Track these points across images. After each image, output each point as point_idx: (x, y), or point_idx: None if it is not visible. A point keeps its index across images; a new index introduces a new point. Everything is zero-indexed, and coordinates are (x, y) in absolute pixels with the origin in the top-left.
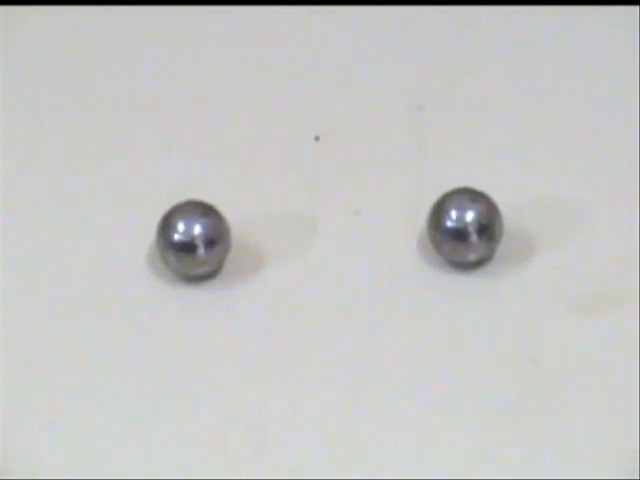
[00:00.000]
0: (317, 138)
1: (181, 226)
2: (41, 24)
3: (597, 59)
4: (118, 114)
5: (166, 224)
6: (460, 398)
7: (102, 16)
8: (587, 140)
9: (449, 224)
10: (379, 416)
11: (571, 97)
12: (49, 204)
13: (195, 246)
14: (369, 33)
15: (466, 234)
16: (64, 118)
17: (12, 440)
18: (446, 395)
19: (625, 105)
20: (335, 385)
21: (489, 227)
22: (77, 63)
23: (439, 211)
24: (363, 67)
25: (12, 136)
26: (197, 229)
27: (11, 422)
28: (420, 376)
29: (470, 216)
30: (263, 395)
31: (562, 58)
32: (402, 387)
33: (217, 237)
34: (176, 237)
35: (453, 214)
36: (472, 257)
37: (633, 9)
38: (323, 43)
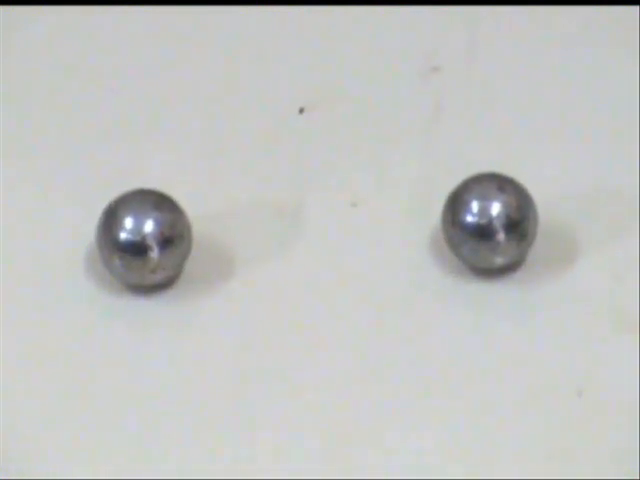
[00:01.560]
0: (302, 110)
1: (129, 222)
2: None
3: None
4: (62, 93)
5: (109, 219)
6: (483, 437)
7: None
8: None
9: (470, 219)
10: (375, 441)
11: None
12: None
13: (146, 247)
14: None
15: (491, 232)
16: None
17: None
18: (465, 433)
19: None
20: (322, 414)
21: (520, 223)
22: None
23: (457, 202)
24: (362, 23)
25: None
26: (149, 225)
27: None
28: (432, 409)
29: (496, 209)
30: (237, 432)
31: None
32: (407, 423)
33: (175, 235)
34: (122, 236)
35: (475, 206)
36: (499, 261)
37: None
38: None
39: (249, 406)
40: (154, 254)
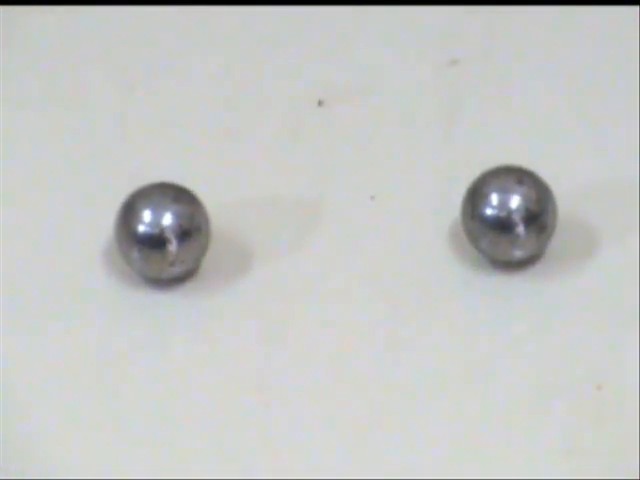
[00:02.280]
0: (320, 103)
1: (147, 215)
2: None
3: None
4: (78, 89)
5: (128, 213)
6: (501, 431)
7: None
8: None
9: (489, 212)
10: (395, 439)
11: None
12: None
13: (165, 240)
14: None
15: (510, 225)
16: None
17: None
18: (483, 427)
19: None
20: (339, 408)
21: (539, 216)
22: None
23: (476, 195)
24: (383, 14)
25: None
26: (167, 218)
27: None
28: (450, 401)
29: (515, 202)
30: (253, 426)
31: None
32: (424, 412)
33: (193, 228)
34: (141, 229)
35: (494, 199)
36: (518, 254)
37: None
38: None
39: (266, 400)
40: (172, 247)
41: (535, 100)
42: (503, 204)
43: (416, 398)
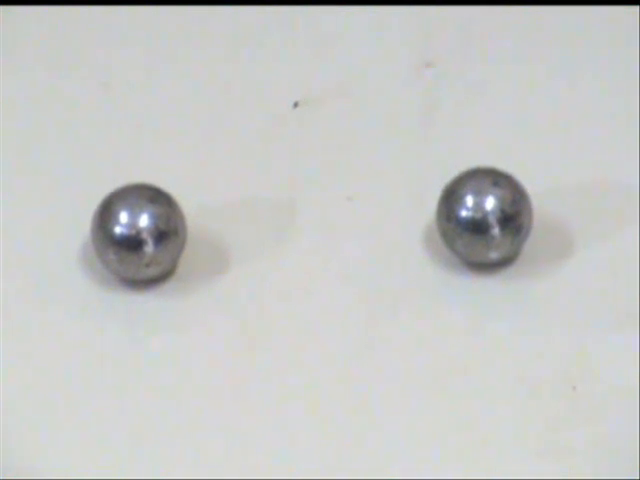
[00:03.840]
0: (296, 104)
1: (123, 216)
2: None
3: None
4: (55, 90)
5: (105, 214)
6: (476, 429)
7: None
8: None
9: (464, 214)
10: (373, 434)
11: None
12: None
13: (141, 241)
14: None
15: (486, 226)
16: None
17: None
18: (460, 428)
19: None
20: (317, 408)
21: (514, 217)
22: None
23: (452, 197)
24: (357, 16)
25: None
26: (144, 220)
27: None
28: (427, 402)
29: (490, 203)
30: (230, 427)
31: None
32: (399, 410)
33: (169, 230)
34: (117, 230)
35: (469, 201)
36: (493, 255)
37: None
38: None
39: (243, 397)
40: (149, 248)
41: (511, 103)
42: (478, 206)
43: (392, 396)
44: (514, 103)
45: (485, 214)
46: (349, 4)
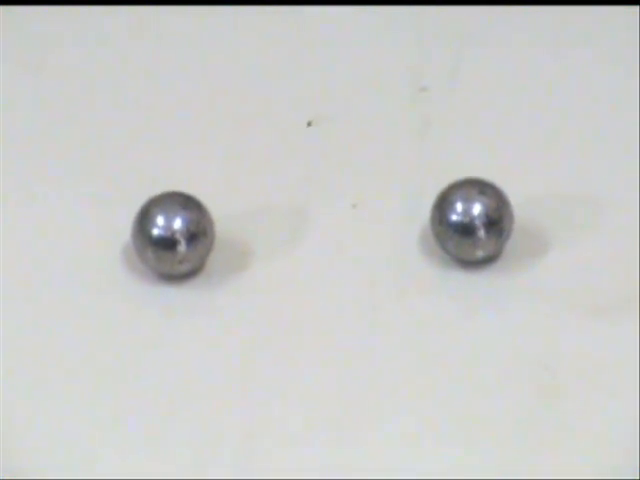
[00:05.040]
0: (309, 123)
1: (160, 220)
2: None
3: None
4: (94, 102)
5: (144, 218)
6: (464, 405)
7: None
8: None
9: (454, 218)
10: (375, 421)
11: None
12: (16, 199)
13: (175, 242)
14: (370, 15)
15: (473, 229)
16: (36, 113)
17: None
18: (449, 402)
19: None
20: (326, 391)
21: (498, 222)
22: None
23: (443, 204)
24: (361, 47)
25: None
26: (177, 223)
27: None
28: (421, 383)
29: (477, 209)
30: (250, 408)
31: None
32: (399, 394)
33: (199, 232)
34: (155, 232)
35: (459, 207)
36: (479, 254)
37: (633, 9)
38: (315, 21)
39: (257, 373)
40: (182, 248)
41: (495, 122)
42: (466, 211)
43: (392, 375)
44: (499, 122)
45: (472, 219)
46: (348, 35)
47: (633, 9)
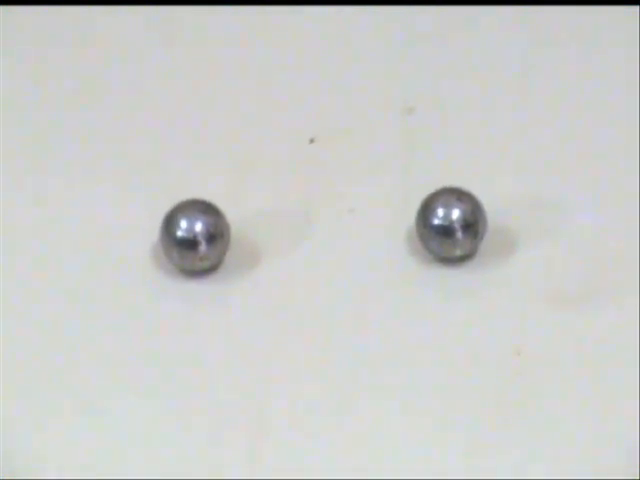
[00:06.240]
0: (312, 140)
1: (184, 223)
2: (41, 24)
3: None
4: (122, 116)
5: (169, 221)
6: (444, 391)
7: (105, 16)
8: (577, 141)
9: (436, 221)
10: (369, 408)
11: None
12: (57, 202)
13: (197, 242)
14: (360, 35)
15: (452, 231)
16: (65, 118)
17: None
18: (431, 389)
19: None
20: (329, 376)
21: (473, 224)
22: (78, 63)
23: (427, 209)
24: (356, 72)
25: (12, 136)
26: (199, 226)
27: (11, 422)
28: (409, 369)
29: (456, 214)
30: (260, 387)
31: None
32: (391, 379)
33: (217, 234)
34: (179, 234)
35: (440, 212)
36: (458, 253)
37: (633, 9)
38: (316, 45)
39: (271, 363)
40: (202, 247)
41: (472, 139)
42: (446, 216)
43: (378, 363)
44: (475, 139)
45: (452, 222)
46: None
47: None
